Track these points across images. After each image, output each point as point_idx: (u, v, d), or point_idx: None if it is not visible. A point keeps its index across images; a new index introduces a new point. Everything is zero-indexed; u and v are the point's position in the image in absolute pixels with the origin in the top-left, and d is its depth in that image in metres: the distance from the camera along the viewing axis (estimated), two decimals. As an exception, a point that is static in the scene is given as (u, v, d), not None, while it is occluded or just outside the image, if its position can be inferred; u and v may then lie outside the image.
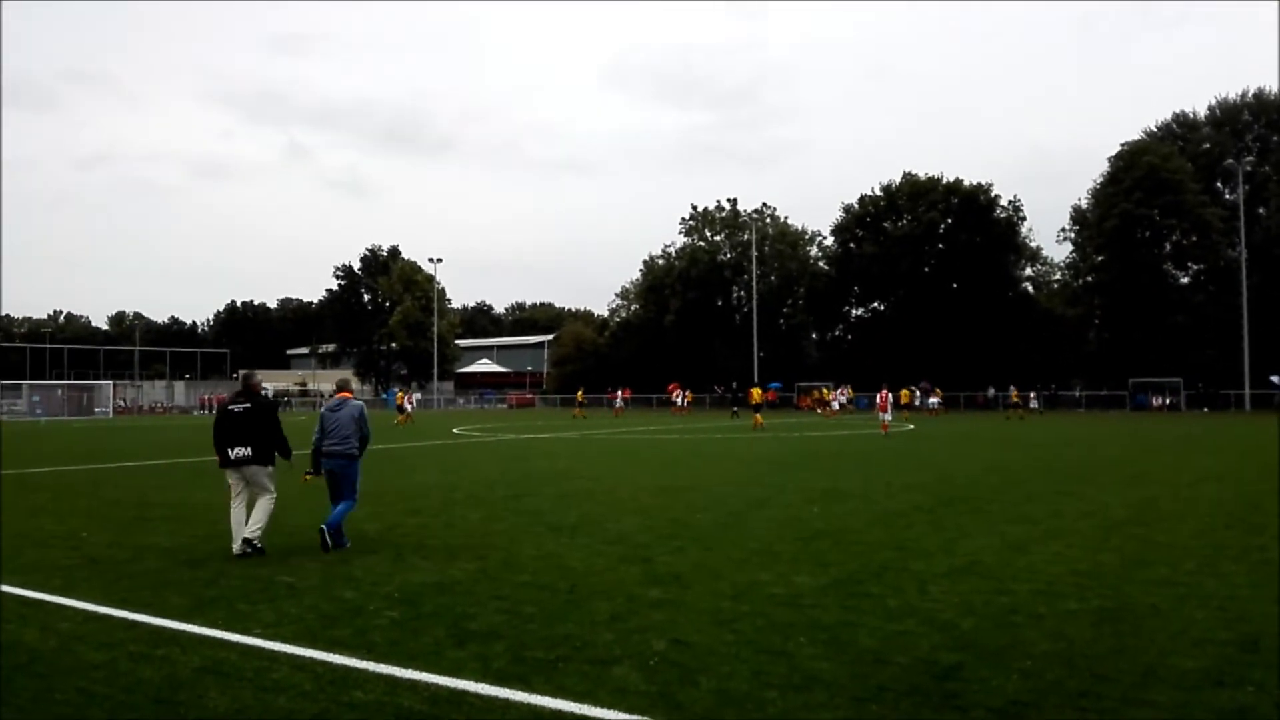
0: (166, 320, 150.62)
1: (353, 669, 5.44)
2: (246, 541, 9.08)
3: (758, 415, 39.19)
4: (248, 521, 9.18)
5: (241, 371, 10.69)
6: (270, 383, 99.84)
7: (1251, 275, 59.23)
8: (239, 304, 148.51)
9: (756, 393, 41.56)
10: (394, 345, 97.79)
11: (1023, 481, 15.82)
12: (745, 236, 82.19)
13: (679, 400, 59.22)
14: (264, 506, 9.27)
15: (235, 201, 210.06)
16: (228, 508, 9.45)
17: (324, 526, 9.35)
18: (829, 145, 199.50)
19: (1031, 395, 56.19)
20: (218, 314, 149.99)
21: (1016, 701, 4.83)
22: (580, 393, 61.88)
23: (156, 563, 8.90)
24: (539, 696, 4.92)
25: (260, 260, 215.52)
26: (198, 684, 5.20)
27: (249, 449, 9.27)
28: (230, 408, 9.47)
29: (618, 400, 63.68)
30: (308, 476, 9.83)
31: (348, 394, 9.97)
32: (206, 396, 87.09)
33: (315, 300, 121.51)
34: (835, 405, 53.84)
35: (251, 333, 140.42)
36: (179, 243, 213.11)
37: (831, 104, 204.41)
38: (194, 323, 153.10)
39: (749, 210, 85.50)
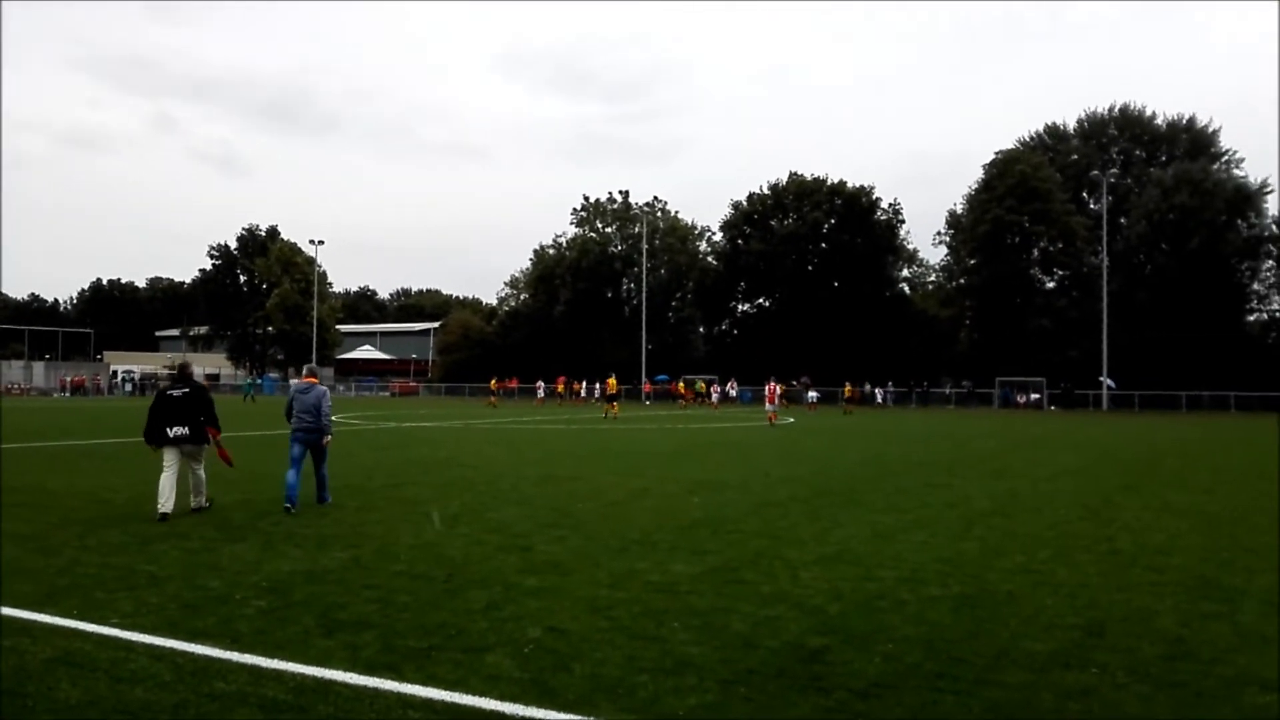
0: (26, 297, 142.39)
1: (215, 659, 5.28)
2: (198, 509, 10.59)
3: (614, 405, 39.89)
4: (190, 495, 10.63)
5: (177, 361, 11.78)
6: (136, 365, 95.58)
7: (1111, 281, 62.58)
8: (105, 282, 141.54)
9: (613, 382, 42.15)
10: (270, 329, 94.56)
11: (895, 474, 16.37)
12: (636, 229, 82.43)
13: (580, 391, 59.29)
14: (200, 475, 10.75)
15: (105, 174, 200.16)
16: (159, 478, 10.40)
17: (287, 505, 10.72)
18: (720, 142, 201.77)
19: (879, 391, 63.62)
20: (82, 292, 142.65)
21: (878, 683, 5.01)
22: (494, 381, 60.37)
23: (7, 550, 8.46)
24: (409, 685, 4.86)
25: (129, 236, 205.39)
26: (48, 675, 4.97)
27: (187, 429, 10.50)
28: (170, 393, 10.68)
29: (539, 390, 63.35)
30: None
31: (313, 379, 11.60)
32: (67, 378, 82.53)
33: (187, 280, 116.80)
34: (715, 399, 55.03)
35: (117, 312, 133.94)
36: (41, 215, 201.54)
37: (722, 102, 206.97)
38: (56, 300, 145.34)
39: (640, 203, 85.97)
